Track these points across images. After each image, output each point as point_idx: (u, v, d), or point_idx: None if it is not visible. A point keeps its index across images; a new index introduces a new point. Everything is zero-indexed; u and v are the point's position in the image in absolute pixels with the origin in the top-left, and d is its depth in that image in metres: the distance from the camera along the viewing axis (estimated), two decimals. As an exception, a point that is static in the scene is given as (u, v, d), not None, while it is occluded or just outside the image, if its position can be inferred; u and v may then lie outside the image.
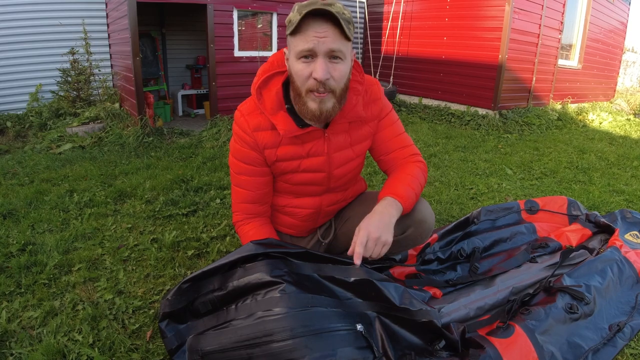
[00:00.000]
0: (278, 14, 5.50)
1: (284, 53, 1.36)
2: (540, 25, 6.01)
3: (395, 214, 1.35)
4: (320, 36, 1.20)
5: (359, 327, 1.25)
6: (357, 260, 1.29)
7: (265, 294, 1.23)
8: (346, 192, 1.67)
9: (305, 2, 1.22)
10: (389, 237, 1.30)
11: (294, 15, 1.21)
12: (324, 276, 1.36)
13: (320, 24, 1.20)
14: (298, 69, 1.26)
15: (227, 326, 1.23)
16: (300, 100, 1.31)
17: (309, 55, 1.23)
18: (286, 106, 1.39)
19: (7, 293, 1.78)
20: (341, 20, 1.19)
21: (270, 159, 1.45)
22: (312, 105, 1.29)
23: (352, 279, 1.33)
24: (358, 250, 1.28)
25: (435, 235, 2.06)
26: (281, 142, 1.42)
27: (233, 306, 1.26)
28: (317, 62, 1.23)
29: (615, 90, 9.12)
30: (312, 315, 1.22)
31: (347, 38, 1.24)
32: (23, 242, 2.18)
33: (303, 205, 1.60)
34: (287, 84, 1.40)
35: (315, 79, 1.23)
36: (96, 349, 1.45)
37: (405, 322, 1.32)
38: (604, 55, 8.18)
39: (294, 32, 1.22)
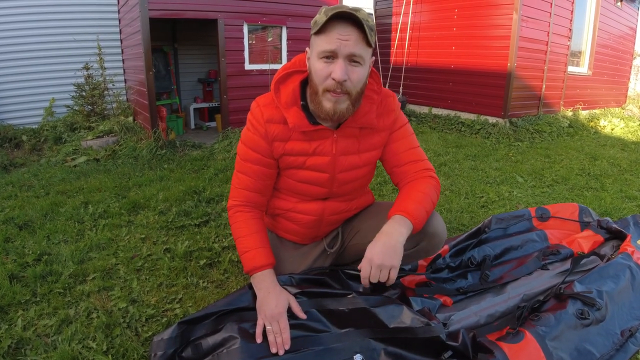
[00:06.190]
0: (287, 28, 5.58)
1: (306, 52, 1.40)
2: (548, 32, 6.01)
3: (404, 232, 1.34)
4: (344, 39, 1.24)
5: (357, 358, 1.27)
6: (366, 285, 1.35)
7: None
8: (351, 203, 1.67)
9: (332, 5, 1.27)
10: (394, 260, 1.29)
11: (320, 17, 1.26)
12: (322, 310, 1.38)
13: (345, 27, 1.24)
14: (318, 67, 1.30)
15: None
16: (316, 98, 1.35)
17: (330, 56, 1.27)
18: (301, 103, 1.42)
19: (23, 302, 1.81)
20: (365, 27, 1.23)
21: (277, 152, 1.48)
22: (327, 104, 1.33)
23: (349, 310, 1.36)
24: (363, 279, 1.33)
25: (446, 247, 2.05)
26: (291, 137, 1.46)
27: (224, 351, 1.25)
28: (336, 64, 1.26)
29: (626, 96, 9.04)
30: (305, 357, 1.24)
31: (369, 44, 1.29)
32: (39, 252, 2.23)
33: (306, 211, 1.60)
34: (306, 83, 1.43)
35: (333, 79, 1.27)
36: (110, 356, 1.47)
37: (409, 342, 1.32)
38: (614, 61, 8.13)
39: (319, 32, 1.27)
